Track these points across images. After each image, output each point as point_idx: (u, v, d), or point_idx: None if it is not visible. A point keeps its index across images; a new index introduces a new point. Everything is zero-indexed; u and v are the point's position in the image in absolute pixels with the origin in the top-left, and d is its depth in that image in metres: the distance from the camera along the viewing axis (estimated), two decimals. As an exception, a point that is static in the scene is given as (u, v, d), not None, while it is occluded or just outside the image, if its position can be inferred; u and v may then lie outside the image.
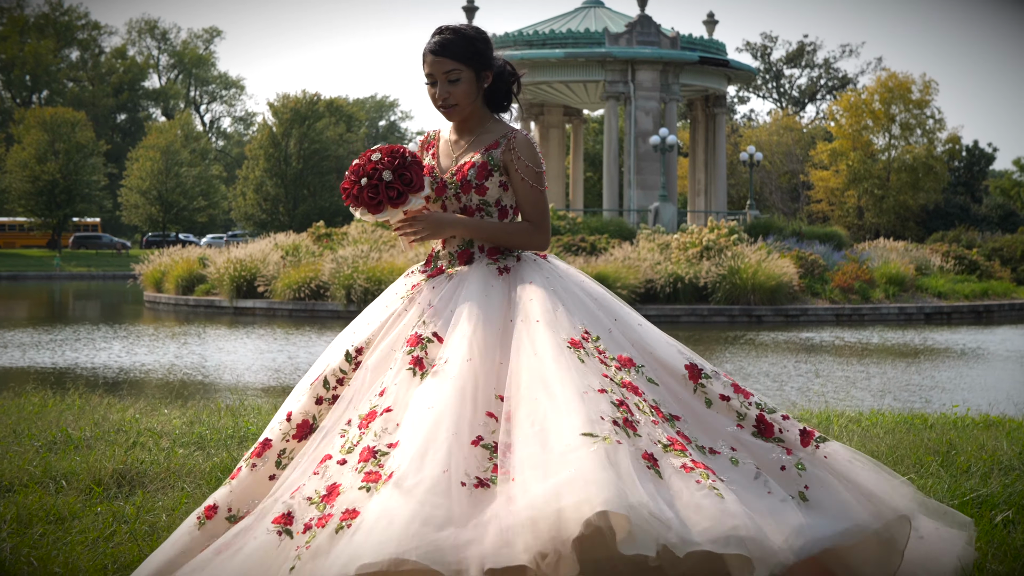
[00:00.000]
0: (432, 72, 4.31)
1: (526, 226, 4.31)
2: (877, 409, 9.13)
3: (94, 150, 77.34)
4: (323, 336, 23.80)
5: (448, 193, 4.31)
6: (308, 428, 3.90)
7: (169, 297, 35.47)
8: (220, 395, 13.76)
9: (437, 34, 4.38)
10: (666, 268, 30.16)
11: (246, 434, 6.87)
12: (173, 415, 7.75)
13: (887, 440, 6.67)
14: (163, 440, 6.60)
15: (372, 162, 4.18)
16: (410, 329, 4.05)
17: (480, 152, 4.31)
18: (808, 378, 16.42)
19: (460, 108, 4.31)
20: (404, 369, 3.88)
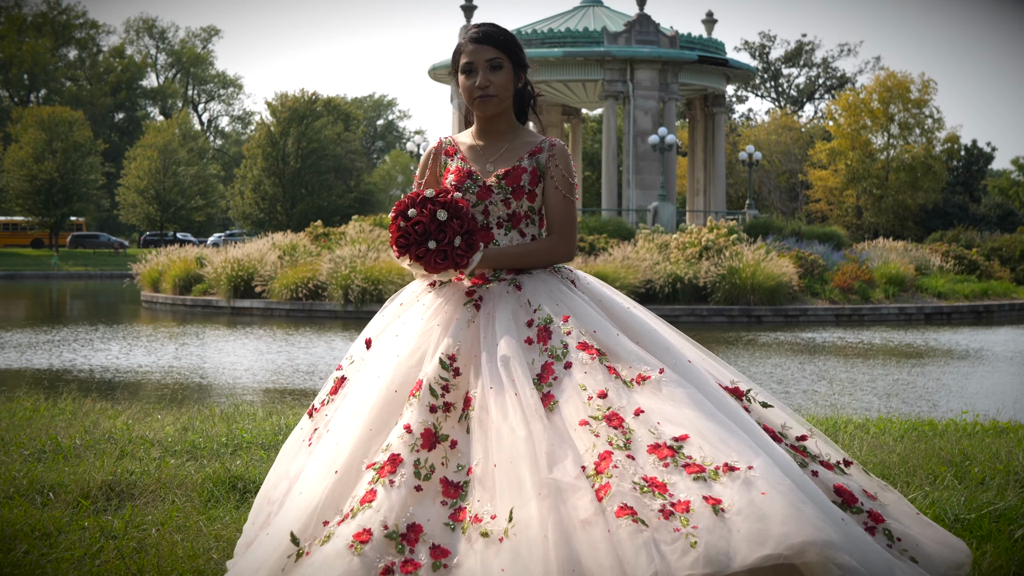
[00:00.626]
0: (472, 60, 4.23)
1: (550, 242, 4.24)
2: (885, 415, 8.98)
3: (91, 149, 77.16)
4: (322, 336, 23.63)
5: (494, 198, 4.21)
6: (433, 437, 3.70)
7: (166, 297, 35.32)
8: (216, 399, 13.61)
9: (472, 28, 4.32)
10: (665, 268, 30.04)
11: (240, 443, 6.72)
12: (166, 421, 7.60)
13: (898, 449, 6.51)
14: (154, 449, 6.44)
15: (439, 222, 4.02)
16: (518, 338, 3.96)
17: (526, 157, 4.27)
18: (812, 380, 16.25)
19: (499, 100, 4.25)
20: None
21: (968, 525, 4.79)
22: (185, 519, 5.01)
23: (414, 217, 4.01)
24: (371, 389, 3.88)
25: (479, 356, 3.88)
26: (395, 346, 4.00)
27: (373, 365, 4.01)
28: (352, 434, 3.77)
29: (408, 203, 4.06)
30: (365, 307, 29.24)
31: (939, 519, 4.81)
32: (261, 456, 6.25)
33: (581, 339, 3.92)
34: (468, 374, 3.85)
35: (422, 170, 4.39)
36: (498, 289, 4.11)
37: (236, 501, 5.43)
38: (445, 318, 4.02)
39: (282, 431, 7.12)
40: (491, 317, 4.01)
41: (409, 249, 4.01)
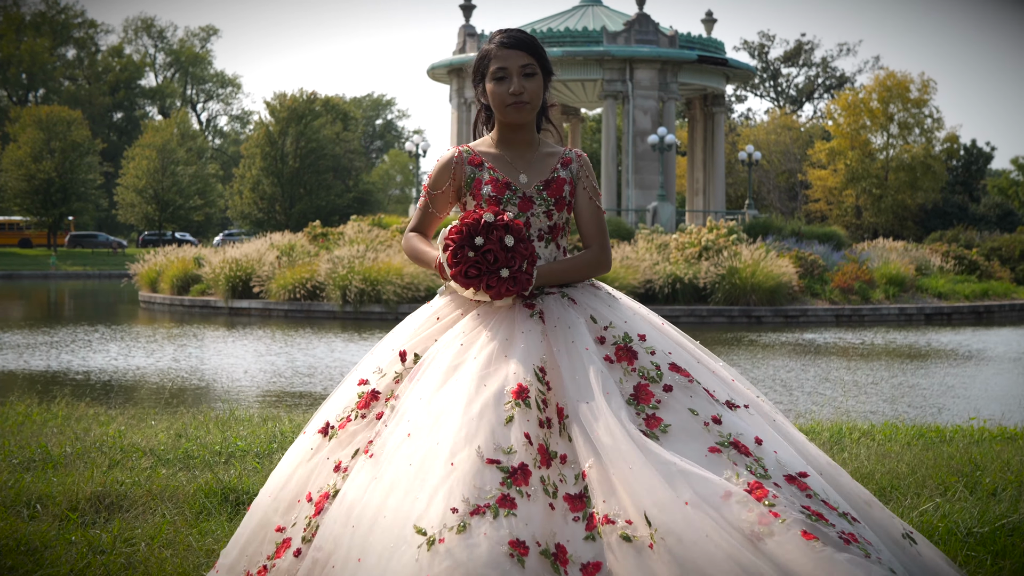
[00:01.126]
0: (506, 66, 4.13)
1: (593, 254, 4.21)
2: (890, 420, 8.84)
3: (90, 149, 77.05)
4: (321, 338, 23.48)
5: (536, 209, 4.13)
6: (547, 454, 3.59)
7: (164, 297, 35.19)
8: (213, 402, 13.48)
9: (503, 33, 4.21)
10: (665, 268, 29.92)
11: (234, 451, 6.58)
12: (160, 428, 7.45)
13: (906, 457, 6.38)
14: (146, 459, 6.29)
15: (507, 248, 3.90)
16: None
17: (559, 168, 4.20)
18: (816, 383, 16.08)
19: (532, 107, 4.16)
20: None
21: (982, 539, 4.65)
22: (175, 533, 4.87)
23: (483, 245, 3.88)
24: (453, 397, 3.68)
25: (558, 368, 3.80)
26: (464, 354, 3.82)
27: (435, 375, 3.79)
28: (448, 439, 3.58)
29: (470, 230, 3.91)
30: (363, 307, 29.12)
31: (951, 533, 4.69)
32: (255, 466, 6.11)
33: (670, 360, 3.89)
34: (557, 386, 3.76)
35: (439, 180, 4.21)
36: (555, 303, 4.02)
37: (228, 514, 5.28)
38: (513, 329, 3.89)
39: (277, 439, 6.98)
40: (560, 330, 3.91)
41: (481, 279, 3.88)
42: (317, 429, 3.91)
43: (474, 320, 3.93)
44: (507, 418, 3.57)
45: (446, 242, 3.92)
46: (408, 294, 29.11)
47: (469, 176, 4.15)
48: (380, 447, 3.67)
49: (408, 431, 3.64)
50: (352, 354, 20.15)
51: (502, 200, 4.08)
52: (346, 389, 3.98)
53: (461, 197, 4.20)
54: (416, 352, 3.91)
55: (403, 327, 4.10)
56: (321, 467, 3.80)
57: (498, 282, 3.87)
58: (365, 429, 3.79)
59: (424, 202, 4.27)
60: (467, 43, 42.23)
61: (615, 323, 3.98)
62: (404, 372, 3.87)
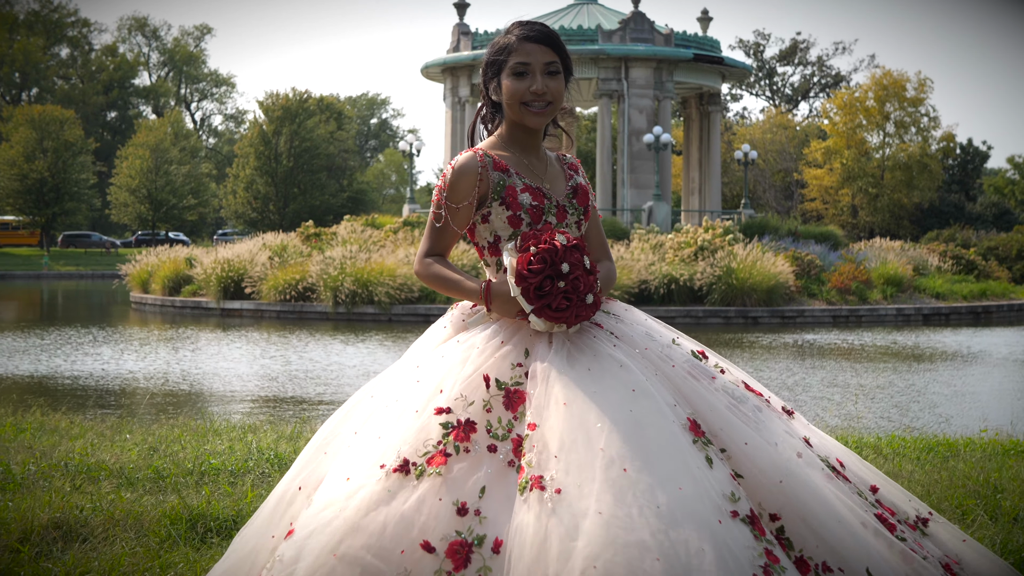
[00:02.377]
0: (529, 61, 3.75)
1: (609, 266, 3.96)
2: (898, 432, 8.50)
3: (83, 148, 76.75)
4: (318, 340, 23.12)
5: (569, 220, 3.81)
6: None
7: (155, 298, 34.87)
8: (198, 409, 13.15)
9: (524, 26, 3.82)
10: (660, 269, 29.67)
11: (207, 469, 6.22)
12: (133, 441, 7.09)
13: (918, 476, 6.06)
14: (111, 480, 5.91)
15: (590, 272, 3.59)
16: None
17: (574, 174, 3.93)
18: (822, 387, 15.69)
19: (554, 109, 3.80)
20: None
21: (1006, 570, 4.33)
22: (136, 565, 4.53)
23: (570, 273, 3.52)
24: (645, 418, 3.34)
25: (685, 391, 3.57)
26: (596, 374, 3.46)
27: (574, 390, 3.40)
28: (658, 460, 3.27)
29: (552, 257, 3.52)
30: (356, 309, 28.83)
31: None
32: (226, 490, 5.73)
33: (740, 378, 3.73)
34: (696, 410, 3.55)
35: (463, 191, 3.73)
36: (608, 321, 3.72)
37: (195, 543, 4.93)
38: (602, 350, 3.57)
39: (253, 456, 6.61)
40: (651, 352, 3.62)
41: (571, 310, 3.53)
42: (392, 468, 3.32)
43: (559, 340, 3.58)
44: (706, 459, 3.33)
45: (523, 273, 3.51)
46: (401, 295, 28.83)
47: (498, 183, 3.73)
48: (555, 481, 3.20)
49: (608, 457, 3.21)
50: (349, 357, 19.80)
51: (543, 210, 3.74)
52: (406, 417, 3.45)
53: (483, 207, 3.76)
54: (498, 378, 3.48)
55: (459, 351, 3.62)
56: (424, 510, 3.26)
57: (585, 310, 3.56)
58: (481, 465, 3.31)
59: (442, 218, 3.79)
60: (461, 42, 41.95)
61: (677, 339, 3.76)
62: (492, 399, 3.42)
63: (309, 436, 7.74)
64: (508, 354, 3.55)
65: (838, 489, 3.44)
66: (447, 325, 3.80)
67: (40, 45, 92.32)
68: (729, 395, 3.56)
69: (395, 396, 3.59)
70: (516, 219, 3.72)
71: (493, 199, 3.73)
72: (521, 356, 3.55)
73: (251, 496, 5.51)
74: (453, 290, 3.78)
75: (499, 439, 3.36)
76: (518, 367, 3.51)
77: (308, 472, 3.57)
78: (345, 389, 15.40)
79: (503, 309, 3.65)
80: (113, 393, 14.93)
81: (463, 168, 3.74)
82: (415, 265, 3.90)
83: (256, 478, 6.09)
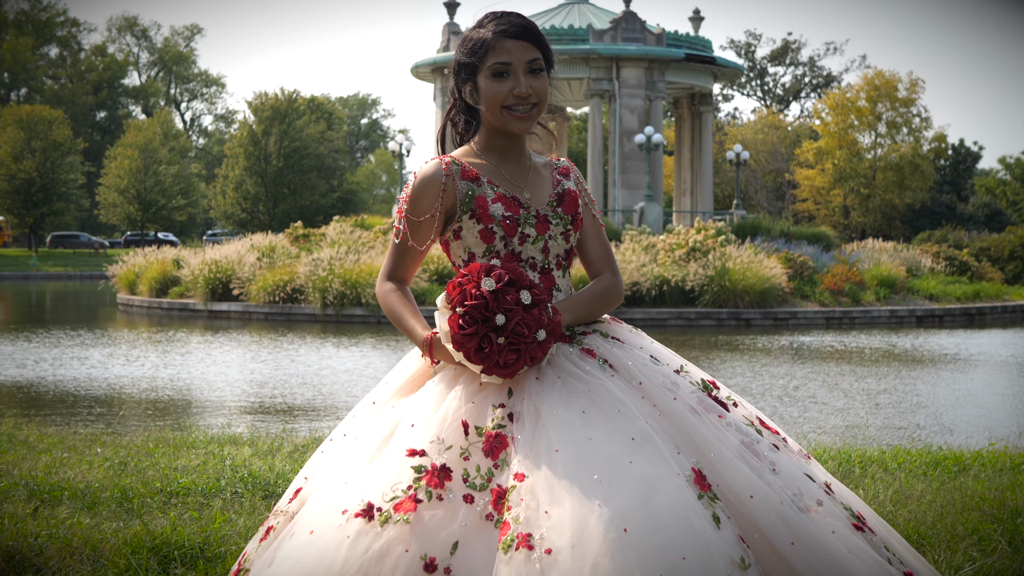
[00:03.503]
0: (510, 61, 3.33)
1: (611, 281, 3.51)
2: (902, 445, 8.20)
3: (71, 148, 76.43)
4: (307, 343, 22.80)
5: (553, 231, 3.40)
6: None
7: (142, 300, 34.56)
8: (178, 417, 12.85)
9: (500, 19, 3.39)
10: (652, 270, 29.41)
11: (176, 489, 5.91)
12: (102, 457, 6.77)
13: (930, 497, 5.73)
14: (72, 502, 5.57)
15: (534, 305, 3.13)
16: None
17: (563, 179, 3.50)
18: (825, 391, 15.33)
19: (539, 110, 3.38)
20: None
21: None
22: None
23: (508, 324, 3.08)
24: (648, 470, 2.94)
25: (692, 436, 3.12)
26: (588, 416, 3.06)
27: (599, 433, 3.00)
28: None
29: (480, 312, 3.08)
30: (344, 310, 28.55)
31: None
32: (193, 515, 5.39)
33: (754, 413, 3.32)
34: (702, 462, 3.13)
35: (425, 203, 3.35)
36: (604, 345, 3.31)
37: (156, 575, 4.63)
38: (596, 383, 3.15)
39: (225, 474, 6.30)
40: (653, 385, 3.20)
41: (522, 358, 3.10)
42: (355, 512, 2.95)
43: (548, 373, 3.17)
44: (713, 517, 2.93)
45: (456, 338, 3.10)
46: (390, 297, 28.52)
47: (466, 194, 3.34)
48: (545, 540, 2.81)
49: (606, 515, 2.82)
50: (341, 361, 19.44)
51: (519, 221, 3.34)
52: (374, 459, 3.09)
53: (453, 222, 3.37)
54: (478, 424, 3.07)
55: (435, 389, 3.21)
56: (388, 562, 2.87)
57: (539, 349, 3.13)
58: (456, 516, 2.92)
59: (401, 233, 3.40)
60: (451, 41, 41.66)
61: (685, 367, 3.34)
62: (471, 447, 3.02)
63: (287, 450, 7.46)
64: (489, 394, 3.15)
65: (861, 545, 3.04)
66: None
67: (29, 45, 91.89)
68: (741, 434, 3.16)
69: (366, 435, 3.21)
70: (488, 233, 3.33)
71: (463, 212, 3.34)
72: (503, 395, 3.15)
73: (219, 521, 5.19)
74: (403, 331, 3.41)
75: (477, 489, 2.96)
76: (500, 408, 3.11)
77: (281, 522, 3.21)
78: (336, 395, 15.10)
79: (451, 361, 3.25)
80: (95, 399, 14.58)
81: (426, 178, 3.36)
82: (376, 284, 3.53)
83: (227, 500, 5.77)
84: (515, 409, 3.11)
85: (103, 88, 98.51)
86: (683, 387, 3.21)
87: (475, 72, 3.37)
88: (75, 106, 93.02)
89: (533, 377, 3.16)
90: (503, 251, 3.34)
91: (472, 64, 3.37)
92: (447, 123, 3.54)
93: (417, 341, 3.34)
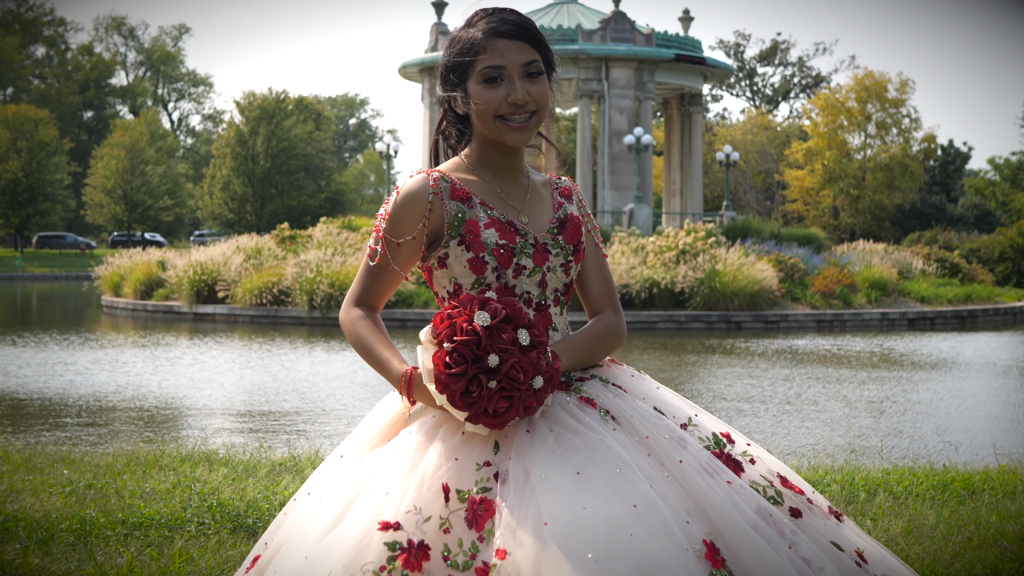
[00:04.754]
0: (503, 64, 2.92)
1: (613, 320, 3.11)
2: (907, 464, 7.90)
3: (58, 148, 76.01)
4: (296, 348, 22.45)
5: (553, 262, 2.98)
6: None
7: (127, 302, 34.17)
8: (155, 428, 12.50)
9: (492, 16, 2.98)
10: (642, 272, 29.12)
11: (139, 520, 5.51)
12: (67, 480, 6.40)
13: (943, 531, 5.37)
14: (16, 544, 5.13)
15: (533, 347, 2.75)
16: None
17: (565, 202, 3.10)
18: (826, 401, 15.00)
19: (539, 119, 2.99)
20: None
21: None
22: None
23: (502, 366, 2.68)
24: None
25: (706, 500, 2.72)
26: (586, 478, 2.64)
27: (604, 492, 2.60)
28: None
29: (472, 350, 2.69)
30: (332, 313, 28.22)
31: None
32: (151, 555, 4.99)
33: (774, 469, 2.90)
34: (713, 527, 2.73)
35: (408, 222, 2.94)
36: (605, 393, 2.90)
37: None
38: (599, 442, 2.72)
39: (193, 502, 5.89)
40: (656, 440, 2.79)
41: (515, 407, 2.70)
42: None
43: (540, 425, 2.75)
44: None
45: (441, 379, 2.70)
46: (377, 300, 28.22)
47: (455, 216, 2.92)
48: None
49: None
50: (332, 367, 19.04)
51: (515, 251, 2.92)
52: (339, 529, 2.67)
53: (438, 247, 2.95)
54: (459, 488, 2.66)
55: (410, 445, 2.79)
56: None
57: (534, 399, 2.74)
58: None
59: (377, 255, 2.98)
60: (439, 41, 41.36)
61: (695, 418, 2.94)
62: (452, 516, 2.61)
63: (264, 471, 7.11)
64: (473, 450, 2.73)
65: None
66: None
67: (15, 44, 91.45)
68: (759, 498, 2.75)
69: (331, 496, 2.78)
70: (478, 263, 2.91)
71: (451, 237, 2.92)
72: (489, 451, 2.73)
73: (179, 562, 4.82)
74: (374, 366, 2.96)
75: (459, 568, 2.54)
76: (485, 467, 2.70)
77: None
78: (325, 403, 14.75)
79: (432, 404, 2.83)
80: (73, 409, 14.19)
81: (410, 194, 2.94)
82: (341, 309, 3.07)
83: (191, 534, 5.38)
84: (501, 468, 2.69)
85: (90, 88, 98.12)
86: (692, 444, 2.81)
87: (465, 77, 2.97)
88: (62, 106, 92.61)
89: (523, 429, 2.75)
90: (495, 284, 2.92)
91: (461, 68, 2.97)
92: (438, 138, 3.14)
93: (392, 377, 2.90)
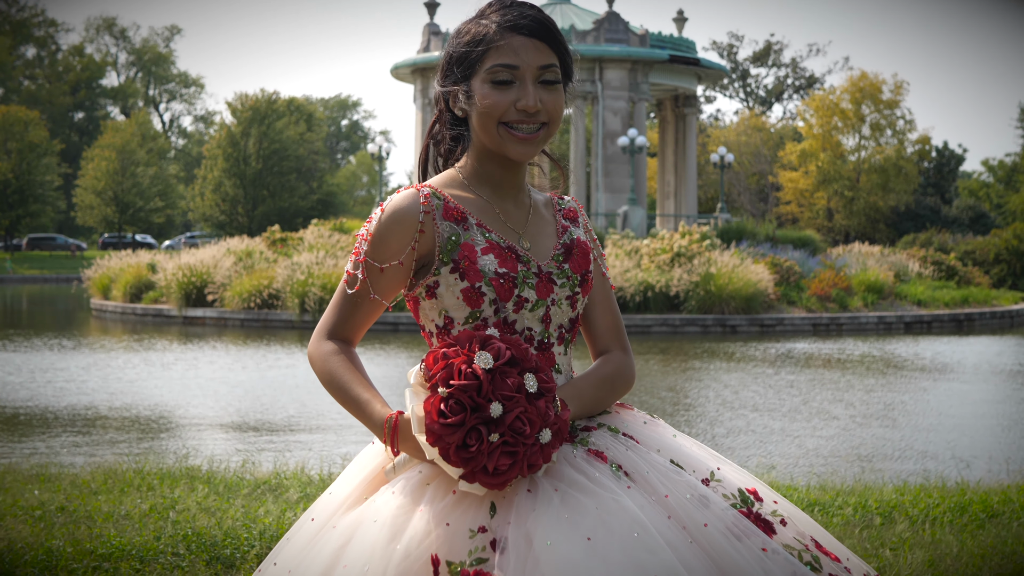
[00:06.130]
0: (517, 64, 2.55)
1: (622, 361, 2.73)
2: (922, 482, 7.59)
3: (48, 149, 75.63)
4: (287, 351, 22.12)
5: (558, 295, 2.60)
6: None
7: (116, 305, 33.82)
8: (138, 441, 12.17)
9: (509, 9, 2.62)
10: (636, 276, 28.83)
11: (108, 552, 5.09)
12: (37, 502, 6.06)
13: (966, 559, 5.10)
14: None
15: (540, 395, 2.36)
16: None
17: (571, 225, 2.74)
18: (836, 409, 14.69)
19: (548, 132, 2.60)
20: None
21: None
22: None
23: (505, 416, 2.31)
24: None
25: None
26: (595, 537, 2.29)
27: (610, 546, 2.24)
28: None
29: (471, 398, 2.30)
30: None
31: None
32: None
33: (807, 532, 2.50)
34: None
35: (394, 245, 2.55)
36: (615, 444, 2.51)
37: None
38: (601, 500, 2.34)
39: (167, 530, 5.54)
40: (657, 491, 2.41)
41: (519, 464, 2.33)
42: None
43: (543, 484, 2.37)
44: None
45: (433, 429, 2.31)
46: (369, 303, 27.91)
47: (448, 238, 2.53)
48: None
49: None
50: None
51: (516, 281, 2.53)
52: None
53: (427, 274, 2.56)
54: (450, 559, 2.27)
55: (393, 508, 2.39)
56: None
57: (539, 455, 2.37)
58: None
59: (357, 282, 2.58)
60: (431, 42, 41.08)
61: (718, 474, 2.54)
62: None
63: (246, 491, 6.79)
64: (466, 513, 2.34)
65: None
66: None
67: (6, 45, 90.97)
68: (795, 562, 2.36)
69: (299, 571, 2.39)
70: (474, 295, 2.51)
71: (442, 263, 2.53)
72: (485, 514, 2.34)
73: (146, 604, 4.52)
74: (350, 408, 2.53)
75: None
76: (481, 533, 2.31)
77: None
78: (321, 407, 14.44)
79: (420, 457, 2.43)
80: (54, 418, 13.83)
81: (397, 212, 2.55)
82: (311, 342, 2.65)
83: (163, 567, 5.00)
84: (499, 534, 2.31)
85: (81, 89, 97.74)
86: (716, 503, 2.42)
87: (470, 72, 2.59)
88: (52, 107, 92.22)
89: (524, 489, 2.37)
90: (492, 318, 2.53)
91: (467, 62, 2.59)
92: (429, 143, 2.75)
93: (374, 422, 2.48)
